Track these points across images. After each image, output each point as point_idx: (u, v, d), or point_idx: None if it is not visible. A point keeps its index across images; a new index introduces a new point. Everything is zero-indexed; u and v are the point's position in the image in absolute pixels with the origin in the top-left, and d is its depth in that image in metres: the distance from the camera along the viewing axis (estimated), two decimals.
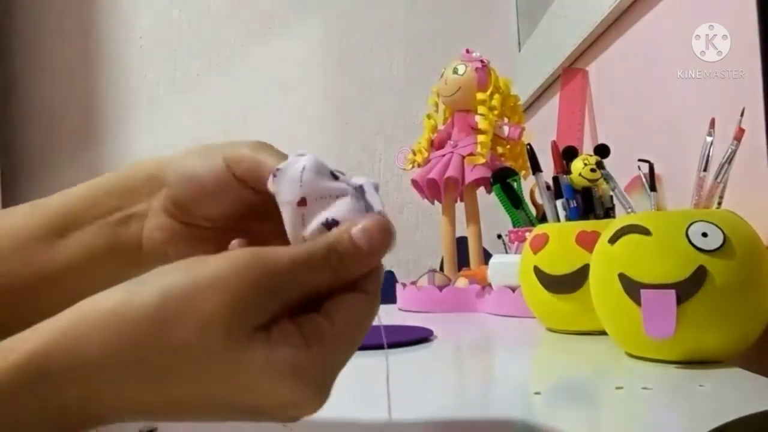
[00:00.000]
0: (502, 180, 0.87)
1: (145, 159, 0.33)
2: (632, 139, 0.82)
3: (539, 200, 0.82)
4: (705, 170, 0.51)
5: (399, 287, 0.95)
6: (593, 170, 0.66)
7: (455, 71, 0.97)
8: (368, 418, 0.36)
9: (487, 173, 0.92)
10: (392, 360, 0.30)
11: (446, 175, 0.95)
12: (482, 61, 0.98)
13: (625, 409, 0.39)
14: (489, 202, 1.00)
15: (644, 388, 0.41)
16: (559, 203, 0.67)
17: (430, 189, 1.00)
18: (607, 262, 0.50)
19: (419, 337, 0.63)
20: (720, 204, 0.50)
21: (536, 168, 0.72)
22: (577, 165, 0.67)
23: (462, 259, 1.01)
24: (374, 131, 1.62)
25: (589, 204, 0.67)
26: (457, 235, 1.01)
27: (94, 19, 1.64)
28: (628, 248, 0.48)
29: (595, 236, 0.55)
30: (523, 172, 0.94)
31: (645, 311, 0.45)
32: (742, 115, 0.50)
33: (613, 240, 0.50)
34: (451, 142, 0.99)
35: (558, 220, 0.68)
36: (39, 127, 1.62)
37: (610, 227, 0.51)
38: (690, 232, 0.45)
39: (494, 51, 1.19)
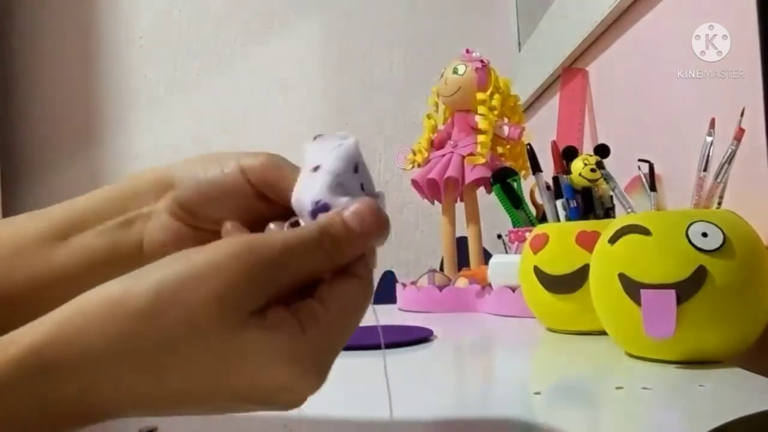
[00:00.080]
0: (502, 180, 0.87)
1: (153, 166, 0.33)
2: (632, 139, 0.82)
3: (539, 200, 0.82)
4: (705, 170, 0.51)
5: (399, 287, 0.95)
6: (593, 170, 0.66)
7: (455, 71, 0.97)
8: (368, 417, 0.36)
9: (487, 173, 0.92)
10: (392, 360, 0.30)
11: (446, 175, 0.95)
12: (482, 61, 0.98)
13: (625, 409, 0.39)
14: (489, 202, 1.00)
15: (644, 388, 0.41)
16: (559, 203, 0.67)
17: (430, 189, 1.00)
18: (607, 262, 0.50)
19: (419, 337, 0.63)
20: (720, 204, 0.50)
21: (536, 168, 0.72)
22: (577, 165, 0.67)
23: (462, 259, 1.01)
24: (374, 131, 1.62)
25: (589, 204, 0.67)
26: (457, 235, 1.01)
27: (94, 19, 1.64)
28: (628, 248, 0.48)
29: (595, 236, 0.55)
30: (523, 172, 0.94)
31: (645, 311, 0.45)
32: (742, 115, 0.50)
33: (613, 240, 0.50)
34: (451, 142, 0.99)
35: (558, 220, 0.68)
36: (39, 127, 1.62)
37: (610, 227, 0.51)
38: (690, 232, 0.45)
39: (494, 51, 1.19)
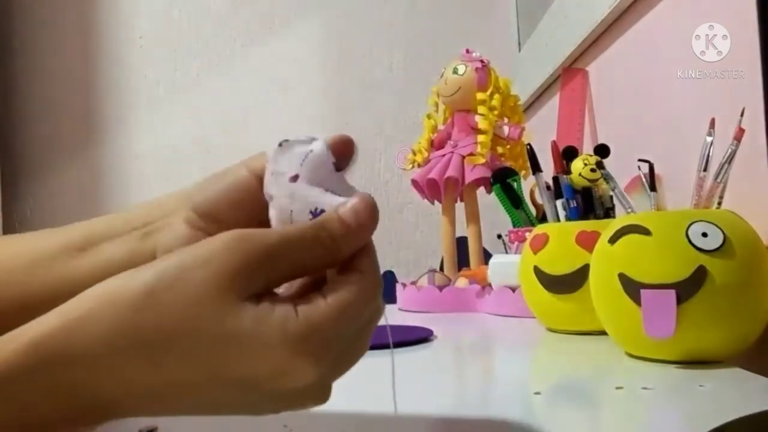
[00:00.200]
0: (502, 180, 0.87)
1: (175, 190, 0.33)
2: (632, 139, 0.82)
3: (539, 200, 0.82)
4: (705, 170, 0.51)
5: (399, 287, 0.95)
6: (593, 170, 0.66)
7: (455, 71, 0.97)
8: (369, 416, 0.36)
9: (487, 173, 0.92)
10: (390, 359, 0.30)
11: (446, 175, 0.95)
12: (482, 61, 0.98)
13: (625, 409, 0.39)
14: (489, 202, 1.00)
15: (644, 388, 0.41)
16: (559, 203, 0.67)
17: (430, 189, 1.00)
18: (607, 262, 0.50)
19: (419, 337, 0.63)
20: (720, 204, 0.50)
21: (536, 168, 0.72)
22: (577, 165, 0.67)
23: (462, 259, 1.01)
24: (374, 131, 1.62)
25: (589, 204, 0.67)
26: (457, 235, 1.01)
27: (94, 19, 1.64)
28: (628, 248, 0.48)
29: (595, 236, 0.55)
30: (523, 172, 0.94)
31: (645, 311, 0.45)
32: (742, 115, 0.50)
33: (613, 240, 0.50)
34: (451, 142, 0.99)
35: (558, 220, 0.68)
36: (39, 127, 1.62)
37: (610, 227, 0.51)
38: (690, 232, 0.45)
39: (494, 51, 1.19)
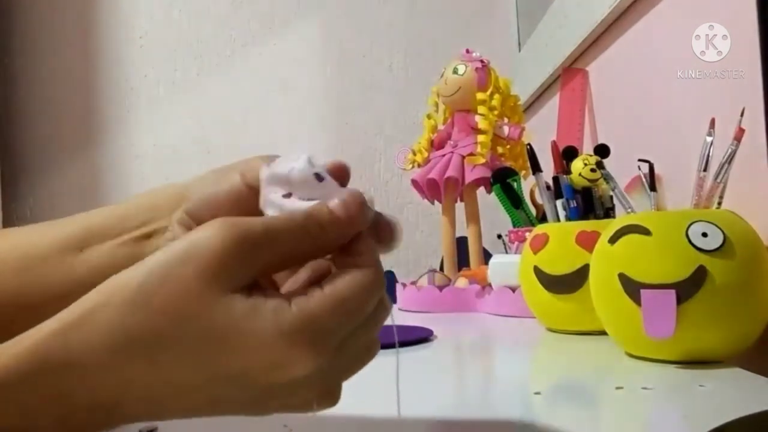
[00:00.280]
0: (502, 180, 0.87)
1: (170, 183, 0.34)
2: (632, 139, 0.82)
3: (539, 200, 0.82)
4: (705, 170, 0.51)
5: (399, 287, 0.95)
6: (593, 170, 0.66)
7: (455, 71, 0.97)
8: (369, 416, 0.36)
9: (487, 173, 0.92)
10: (392, 359, 0.30)
11: (446, 175, 0.95)
12: (482, 61, 0.98)
13: (625, 409, 0.39)
14: (489, 202, 1.00)
15: (644, 388, 0.41)
16: (559, 203, 0.67)
17: (430, 189, 1.00)
18: (607, 262, 0.50)
19: (419, 337, 0.63)
20: (720, 204, 0.50)
21: (536, 168, 0.72)
22: (577, 165, 0.67)
23: (462, 259, 1.01)
24: (374, 131, 1.62)
25: (589, 204, 0.67)
26: (457, 235, 1.01)
27: (94, 19, 1.64)
28: (628, 248, 0.48)
29: (595, 236, 0.55)
30: (523, 172, 0.94)
31: (645, 311, 0.45)
32: (742, 115, 0.50)
33: (613, 240, 0.50)
34: (451, 142, 0.99)
35: (558, 220, 0.68)
36: (39, 127, 1.62)
37: (610, 227, 0.51)
38: (690, 232, 0.45)
39: (494, 51, 1.19)
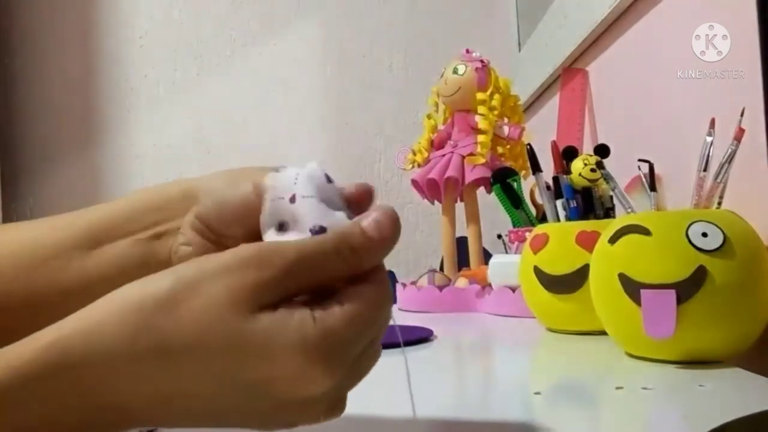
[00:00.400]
0: (502, 180, 0.87)
1: (178, 179, 0.34)
2: (632, 139, 0.82)
3: (539, 200, 0.82)
4: (705, 170, 0.51)
5: (399, 287, 0.95)
6: (593, 170, 0.66)
7: (455, 71, 0.97)
8: (369, 416, 0.36)
9: (487, 173, 0.92)
10: (392, 360, 0.30)
11: (446, 175, 0.95)
12: (482, 61, 0.98)
13: (625, 409, 0.39)
14: (489, 202, 1.00)
15: (644, 388, 0.41)
16: (559, 203, 0.67)
17: (430, 189, 1.00)
18: (607, 262, 0.50)
19: (419, 337, 0.63)
20: (720, 204, 0.50)
21: (536, 168, 0.72)
22: (577, 165, 0.67)
23: (462, 259, 1.01)
24: (374, 131, 1.62)
25: (589, 204, 0.67)
26: (457, 235, 1.01)
27: (94, 19, 1.64)
28: (628, 248, 0.48)
29: (595, 236, 0.55)
30: (523, 172, 0.94)
31: (645, 311, 0.45)
32: (742, 115, 0.50)
33: (613, 240, 0.50)
34: (451, 142, 0.99)
35: (558, 220, 0.68)
36: (39, 127, 1.62)
37: (610, 227, 0.51)
38: (690, 232, 0.45)
39: (494, 51, 1.19)
